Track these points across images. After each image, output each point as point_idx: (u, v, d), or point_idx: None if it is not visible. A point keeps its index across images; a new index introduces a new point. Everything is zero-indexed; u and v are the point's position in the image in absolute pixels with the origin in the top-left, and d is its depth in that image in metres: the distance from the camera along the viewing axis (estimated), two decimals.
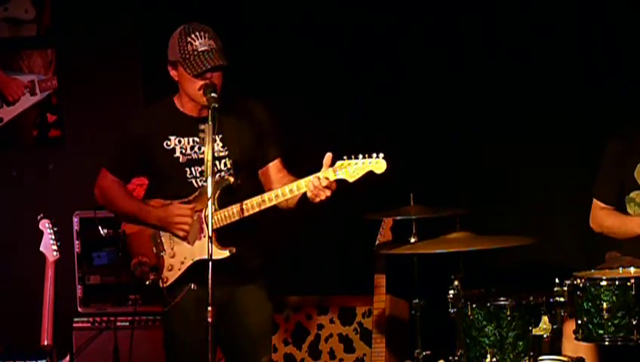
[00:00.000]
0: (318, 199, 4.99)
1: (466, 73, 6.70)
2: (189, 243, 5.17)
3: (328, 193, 4.98)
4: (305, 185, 4.99)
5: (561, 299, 5.19)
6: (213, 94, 4.99)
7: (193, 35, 5.06)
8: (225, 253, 5.07)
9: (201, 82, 5.05)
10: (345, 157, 4.97)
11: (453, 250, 5.33)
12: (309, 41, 6.84)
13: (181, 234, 5.16)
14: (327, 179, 4.96)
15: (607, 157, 5.72)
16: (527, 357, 5.29)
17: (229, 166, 5.18)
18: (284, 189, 5.03)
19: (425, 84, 6.74)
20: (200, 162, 5.10)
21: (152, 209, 5.20)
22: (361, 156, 4.96)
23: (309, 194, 5.00)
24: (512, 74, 6.64)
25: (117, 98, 7.10)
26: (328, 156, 4.98)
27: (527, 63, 6.62)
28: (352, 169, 4.96)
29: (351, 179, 4.97)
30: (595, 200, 5.74)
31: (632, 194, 5.63)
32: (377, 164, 4.95)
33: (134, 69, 7.15)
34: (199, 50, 5.04)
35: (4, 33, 7.29)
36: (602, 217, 5.70)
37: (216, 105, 4.95)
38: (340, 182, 4.98)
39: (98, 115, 7.14)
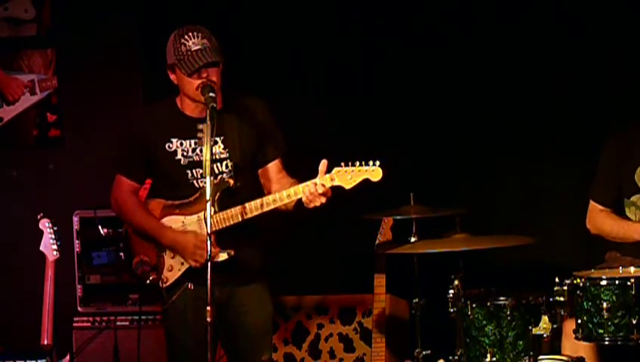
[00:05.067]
0: (312, 205, 5.00)
1: (465, 73, 6.70)
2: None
3: (323, 200, 4.98)
4: (302, 190, 5.00)
5: (561, 299, 5.19)
6: (211, 94, 5.00)
7: (186, 36, 5.07)
8: (223, 256, 5.06)
9: (199, 81, 5.05)
10: (342, 164, 4.98)
11: (453, 249, 5.33)
12: (309, 43, 6.84)
13: (193, 264, 5.15)
14: (323, 186, 4.96)
15: (605, 159, 5.69)
16: (527, 357, 5.29)
17: (230, 168, 5.18)
18: (281, 194, 5.04)
19: (425, 83, 6.74)
20: (201, 164, 5.10)
21: (167, 230, 5.18)
22: (357, 163, 4.96)
23: (303, 199, 5.00)
24: (512, 74, 6.64)
25: (117, 98, 7.09)
26: (324, 163, 4.98)
27: (527, 63, 6.62)
28: (349, 176, 4.96)
29: (347, 186, 4.98)
30: (591, 201, 5.73)
31: (633, 198, 5.61)
32: (374, 172, 4.96)
33: (134, 69, 7.15)
34: (193, 49, 5.05)
35: (4, 33, 7.29)
36: (600, 220, 5.68)
37: (215, 105, 4.95)
38: (337, 188, 4.99)
39: (98, 115, 7.14)
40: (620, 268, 5.30)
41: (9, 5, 7.29)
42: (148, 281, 5.21)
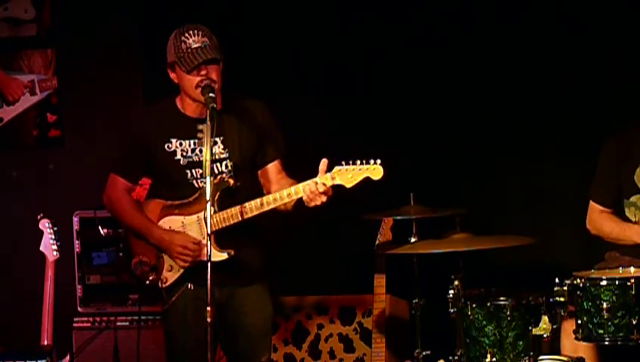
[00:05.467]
0: (313, 204, 5.00)
1: (465, 73, 6.70)
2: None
3: (324, 198, 4.98)
4: (302, 189, 5.00)
5: (561, 299, 5.19)
6: (211, 94, 5.00)
7: (187, 34, 5.09)
8: (223, 256, 5.07)
9: (198, 79, 5.05)
10: (343, 163, 4.98)
11: (453, 249, 5.33)
12: (309, 43, 6.84)
13: (180, 264, 5.17)
14: (324, 184, 4.96)
15: (604, 159, 5.69)
16: (527, 357, 5.30)
17: (229, 167, 5.18)
18: (282, 193, 5.04)
19: (425, 83, 6.74)
20: (201, 164, 5.10)
21: (156, 228, 5.20)
22: (358, 162, 4.96)
23: (304, 198, 5.00)
24: (512, 74, 6.63)
25: (117, 98, 7.10)
26: (324, 162, 4.98)
27: (527, 63, 6.62)
28: (350, 175, 4.96)
29: (348, 185, 4.98)
30: (592, 202, 5.72)
31: (633, 199, 5.60)
32: (374, 170, 4.96)
33: (134, 69, 7.15)
34: (193, 47, 5.06)
35: (4, 33, 7.29)
36: (600, 221, 5.68)
37: (215, 106, 4.95)
38: (338, 187, 4.99)
39: (98, 115, 7.14)
40: (620, 268, 5.30)
41: (9, 5, 7.29)
42: (147, 282, 5.21)
